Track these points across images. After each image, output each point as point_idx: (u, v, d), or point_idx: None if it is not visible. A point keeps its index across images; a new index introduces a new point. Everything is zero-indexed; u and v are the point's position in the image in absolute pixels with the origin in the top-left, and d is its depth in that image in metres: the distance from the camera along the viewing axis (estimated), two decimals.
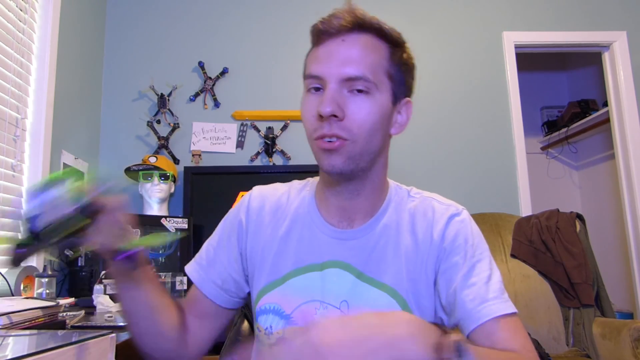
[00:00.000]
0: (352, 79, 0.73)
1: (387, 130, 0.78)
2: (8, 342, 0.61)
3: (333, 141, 0.73)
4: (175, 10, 2.83)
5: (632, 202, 2.83)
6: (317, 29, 0.78)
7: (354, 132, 0.73)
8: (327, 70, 0.74)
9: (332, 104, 0.72)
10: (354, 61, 0.73)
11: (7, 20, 1.76)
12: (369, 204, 0.82)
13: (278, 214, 0.86)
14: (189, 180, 2.51)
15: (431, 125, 2.82)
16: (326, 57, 0.75)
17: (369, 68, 0.74)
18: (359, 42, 0.76)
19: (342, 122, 0.72)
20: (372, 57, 0.75)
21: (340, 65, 0.73)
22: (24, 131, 1.88)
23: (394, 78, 0.78)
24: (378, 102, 0.75)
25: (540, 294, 2.28)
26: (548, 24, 2.95)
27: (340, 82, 0.73)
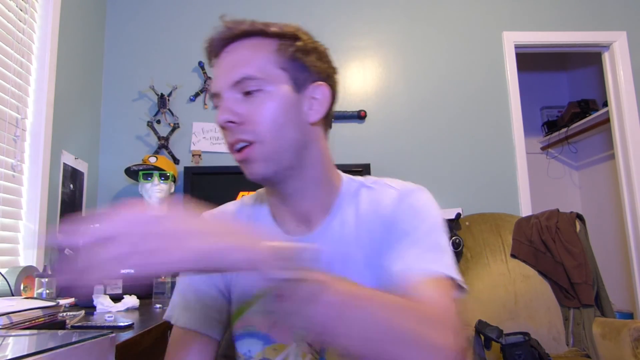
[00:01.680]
0: (240, 82, 0.72)
1: (300, 121, 0.75)
2: (8, 342, 0.61)
3: (241, 148, 0.72)
4: (175, 11, 2.83)
5: (632, 202, 2.83)
6: (206, 52, 0.79)
7: (257, 132, 0.71)
8: (217, 84, 0.74)
9: (225, 111, 0.72)
10: (238, 65, 0.73)
11: (7, 20, 1.76)
12: (319, 202, 0.79)
13: None
14: (189, 180, 2.51)
15: (431, 125, 2.82)
16: (216, 73, 0.76)
17: (256, 66, 0.73)
18: (241, 47, 0.75)
19: (242, 126, 0.72)
20: (257, 55, 0.74)
21: (227, 74, 0.73)
22: (24, 131, 1.88)
23: (288, 68, 0.75)
24: (275, 96, 0.73)
25: (540, 294, 2.29)
26: (548, 24, 2.95)
27: (230, 89, 0.73)
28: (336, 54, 2.48)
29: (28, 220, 1.87)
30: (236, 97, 0.73)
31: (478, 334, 1.94)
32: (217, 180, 2.54)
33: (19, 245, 1.84)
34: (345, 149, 2.71)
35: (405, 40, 2.90)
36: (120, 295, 1.76)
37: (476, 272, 2.38)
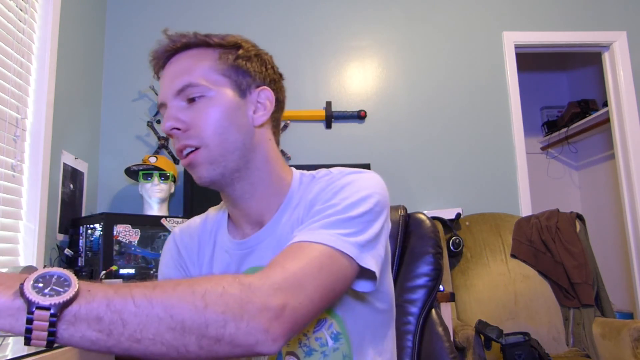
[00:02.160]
0: (183, 89, 0.74)
1: (245, 124, 0.76)
2: (8, 342, 0.61)
3: (188, 153, 0.74)
4: (175, 11, 2.83)
5: (632, 202, 2.83)
6: (151, 64, 0.80)
7: (202, 137, 0.73)
8: (162, 94, 0.76)
9: (170, 119, 0.74)
10: (180, 73, 0.75)
11: (7, 20, 1.76)
12: (268, 203, 0.79)
13: (201, 243, 0.87)
14: (189, 180, 2.51)
15: (431, 125, 2.82)
16: (161, 83, 0.78)
17: (197, 74, 0.74)
18: (183, 57, 0.77)
19: (187, 132, 0.73)
20: (199, 64, 0.76)
21: (170, 83, 0.75)
22: (24, 131, 1.88)
23: (231, 75, 0.77)
24: (217, 101, 0.74)
25: (540, 294, 2.29)
26: (548, 24, 2.95)
27: (174, 97, 0.75)
28: (336, 54, 2.51)
29: (28, 220, 1.87)
30: (180, 104, 0.75)
31: (478, 334, 1.94)
32: None
33: (19, 245, 1.84)
34: (345, 149, 2.71)
35: (406, 41, 2.90)
36: None
37: (476, 272, 2.38)
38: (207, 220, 0.89)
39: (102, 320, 0.46)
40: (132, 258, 2.02)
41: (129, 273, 1.98)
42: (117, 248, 1.97)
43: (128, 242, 2.01)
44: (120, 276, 1.93)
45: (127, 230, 2.01)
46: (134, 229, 2.03)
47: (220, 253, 0.83)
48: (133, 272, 1.99)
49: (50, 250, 2.01)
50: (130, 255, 2.01)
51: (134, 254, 2.02)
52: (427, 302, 0.97)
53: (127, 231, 2.01)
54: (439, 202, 2.72)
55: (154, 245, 2.10)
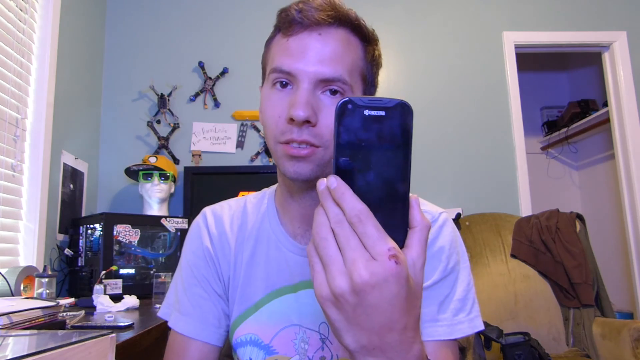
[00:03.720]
0: (329, 81, 0.65)
1: None
2: (8, 342, 0.61)
3: (302, 148, 0.65)
4: (175, 10, 2.83)
5: (632, 202, 2.83)
6: (291, 17, 0.67)
7: (326, 139, 0.65)
8: (301, 68, 0.65)
9: (307, 108, 0.63)
10: (332, 60, 0.65)
11: (7, 20, 1.76)
12: None
13: (239, 235, 0.79)
14: (189, 180, 2.51)
15: (431, 125, 2.82)
16: (300, 52, 0.66)
17: (347, 68, 0.66)
18: (336, 38, 0.67)
19: (314, 127, 0.65)
20: (349, 56, 0.68)
21: (317, 64, 0.65)
22: (24, 131, 1.88)
23: (366, 79, 0.71)
24: None
25: (540, 294, 2.29)
26: (548, 24, 2.95)
27: (314, 83, 0.65)
28: None
29: (28, 220, 1.87)
30: (316, 92, 0.65)
31: (478, 334, 1.94)
32: (217, 180, 2.54)
33: (19, 245, 1.84)
34: None
35: (406, 41, 2.90)
36: (120, 295, 1.76)
37: (476, 272, 2.38)
38: (247, 210, 0.81)
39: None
40: (132, 258, 2.02)
41: (129, 273, 1.98)
42: (117, 248, 1.98)
43: (128, 242, 2.01)
44: (120, 276, 1.93)
45: (127, 230, 2.01)
46: (134, 229, 2.03)
47: (272, 252, 0.77)
48: (133, 272, 2.00)
49: (50, 250, 2.01)
50: (130, 255, 2.01)
51: (134, 254, 2.02)
52: None
53: (127, 231, 2.01)
54: (439, 202, 2.71)
55: (154, 245, 2.10)
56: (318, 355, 0.73)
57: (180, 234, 2.16)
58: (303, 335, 0.74)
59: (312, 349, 0.73)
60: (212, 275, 0.79)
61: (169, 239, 2.14)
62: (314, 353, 0.73)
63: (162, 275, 1.86)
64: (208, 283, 0.79)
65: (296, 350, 0.74)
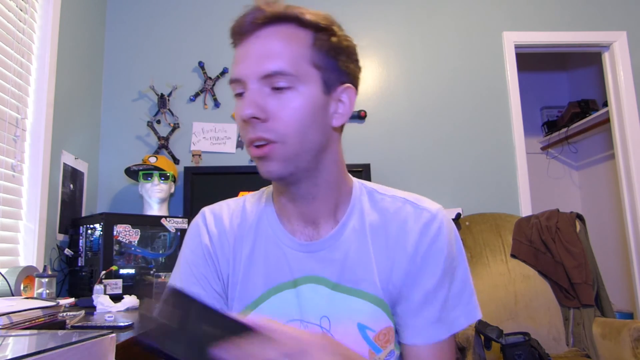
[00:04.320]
0: (271, 75, 0.67)
1: (324, 124, 0.72)
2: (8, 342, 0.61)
3: (262, 145, 0.68)
4: (175, 10, 2.83)
5: (632, 202, 2.83)
6: (235, 31, 0.73)
7: (281, 133, 0.67)
8: (244, 71, 0.69)
9: (252, 105, 0.67)
10: (270, 56, 0.67)
11: (7, 20, 1.76)
12: (330, 206, 0.77)
13: (238, 233, 0.80)
14: (189, 180, 2.51)
15: (431, 125, 2.82)
16: (243, 58, 0.70)
17: (289, 60, 0.67)
18: (275, 35, 0.69)
19: (266, 123, 0.67)
20: (291, 48, 0.68)
21: (256, 63, 0.68)
22: (24, 131, 1.88)
23: (321, 66, 0.70)
24: (305, 96, 0.68)
25: (540, 294, 2.28)
26: (548, 24, 2.95)
27: (259, 80, 0.68)
28: None
29: (28, 220, 1.87)
30: (263, 90, 0.68)
31: (478, 334, 1.94)
32: (217, 180, 2.54)
33: (19, 245, 1.84)
34: (345, 149, 2.68)
35: (406, 41, 2.90)
36: (120, 295, 1.76)
37: (476, 272, 2.38)
38: (246, 208, 0.82)
39: None
40: (132, 258, 2.02)
41: (129, 273, 1.98)
42: (117, 248, 1.98)
43: (128, 242, 2.01)
44: (120, 276, 1.93)
45: (127, 230, 2.01)
46: (134, 229, 2.03)
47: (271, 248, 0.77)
48: (133, 272, 2.00)
49: (50, 250, 2.01)
50: (130, 255, 2.01)
51: (134, 254, 2.02)
52: None
53: (127, 231, 2.01)
54: (439, 202, 2.71)
55: (154, 245, 2.10)
56: None
57: (180, 234, 2.16)
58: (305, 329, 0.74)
59: None
60: (211, 273, 0.79)
61: (169, 239, 2.14)
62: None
63: (163, 275, 1.86)
64: (207, 282, 0.79)
65: None
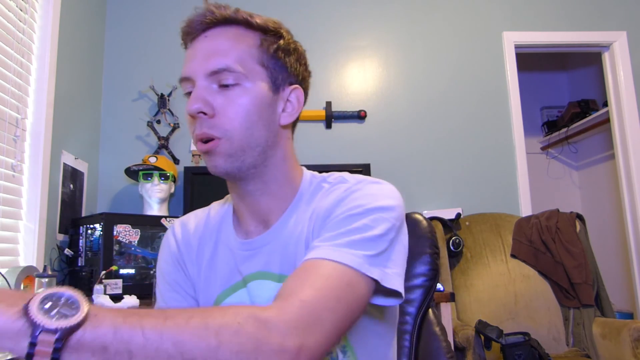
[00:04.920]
0: (218, 72, 0.69)
1: (271, 121, 0.73)
2: None
3: (205, 144, 0.70)
4: (175, 10, 2.83)
5: (632, 202, 2.83)
6: (184, 32, 0.74)
7: (227, 129, 0.69)
8: (191, 69, 0.71)
9: (198, 101, 0.68)
10: (217, 53, 0.69)
11: (7, 20, 1.77)
12: (277, 201, 0.77)
13: (202, 240, 0.83)
14: (189, 180, 2.51)
15: (431, 125, 2.82)
16: (191, 57, 0.72)
17: (235, 58, 0.70)
18: (222, 35, 0.71)
19: (212, 119, 0.69)
20: (238, 47, 0.71)
21: (204, 60, 0.70)
22: (24, 131, 1.88)
23: (268, 66, 0.72)
24: (251, 94, 0.70)
25: (540, 294, 2.28)
26: (548, 24, 2.95)
27: (206, 77, 0.70)
28: (336, 54, 2.51)
29: (28, 220, 1.87)
30: (211, 87, 0.70)
31: (478, 334, 1.94)
32: (217, 180, 2.51)
33: (19, 245, 1.84)
34: (345, 149, 2.71)
35: (406, 40, 2.90)
36: (120, 295, 1.76)
37: (476, 272, 2.38)
38: (210, 215, 0.85)
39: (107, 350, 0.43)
40: (132, 258, 2.02)
41: (129, 273, 1.98)
42: (117, 248, 1.98)
43: (128, 242, 2.01)
44: (120, 276, 1.93)
45: (127, 230, 2.02)
46: (134, 229, 2.03)
47: (224, 251, 0.80)
48: (133, 272, 2.00)
49: (50, 250, 2.01)
50: (130, 255, 2.01)
51: (134, 254, 2.03)
52: (425, 301, 0.97)
53: (127, 231, 2.01)
54: (439, 202, 2.72)
55: (154, 245, 2.10)
56: None
57: None
58: None
59: None
60: (182, 277, 0.83)
61: None
62: None
63: None
64: (179, 286, 0.83)
65: None
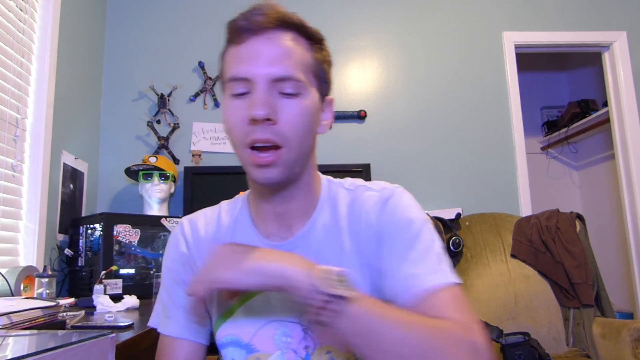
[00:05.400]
0: (282, 80, 0.68)
1: (315, 131, 0.76)
2: (8, 342, 0.61)
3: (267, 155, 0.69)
4: (175, 10, 2.83)
5: (632, 202, 2.83)
6: (239, 26, 0.72)
7: (288, 137, 0.69)
8: (255, 71, 0.68)
9: (265, 106, 0.67)
10: (282, 60, 0.69)
11: (7, 20, 1.76)
12: (303, 205, 0.78)
13: (214, 240, 0.81)
14: (189, 180, 2.51)
15: (431, 125, 2.82)
16: (252, 57, 0.69)
17: (297, 67, 0.70)
18: (283, 39, 0.70)
19: (274, 126, 0.68)
20: (297, 54, 0.70)
21: (269, 66, 0.68)
22: (24, 131, 1.88)
23: (318, 76, 0.74)
24: (308, 103, 0.71)
25: (540, 294, 2.28)
26: (548, 24, 2.95)
27: (269, 83, 0.68)
28: (336, 54, 2.51)
29: (28, 220, 1.87)
30: (272, 93, 0.69)
31: None
32: (217, 180, 2.54)
33: (19, 245, 1.84)
34: (345, 149, 2.71)
35: (405, 40, 2.90)
36: (120, 295, 1.76)
37: (476, 272, 2.38)
38: (221, 214, 0.84)
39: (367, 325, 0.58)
40: (132, 258, 2.02)
41: (129, 273, 1.98)
42: (117, 248, 1.98)
43: (128, 242, 2.01)
44: (120, 276, 1.93)
45: (127, 230, 2.01)
46: (134, 229, 2.03)
47: None
48: (133, 272, 2.00)
49: (50, 250, 2.01)
50: (130, 255, 2.01)
51: (134, 254, 2.02)
52: None
53: (127, 231, 2.01)
54: (439, 202, 2.72)
55: (154, 245, 2.10)
56: (302, 345, 0.75)
57: None
58: (284, 329, 0.75)
59: (295, 341, 0.75)
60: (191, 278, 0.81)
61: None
62: (298, 344, 0.75)
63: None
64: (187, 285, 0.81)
65: (277, 345, 0.75)
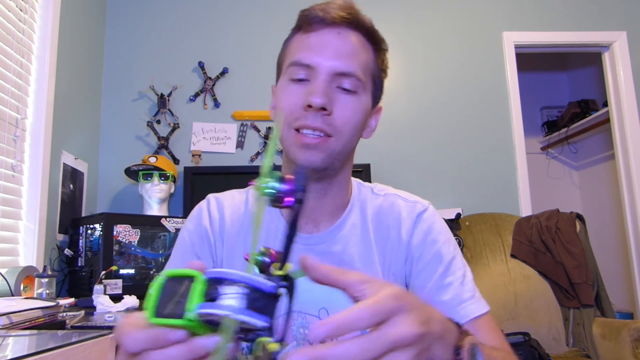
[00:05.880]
0: (344, 75, 0.70)
1: (361, 132, 0.77)
2: (8, 342, 0.61)
3: (316, 136, 0.70)
4: (175, 10, 2.83)
5: (632, 202, 2.83)
6: (312, 15, 0.73)
7: (339, 130, 0.71)
8: (319, 61, 0.70)
9: (324, 96, 0.68)
10: (348, 57, 0.71)
11: (7, 20, 1.76)
12: (334, 204, 0.79)
13: (240, 224, 0.80)
14: (189, 180, 2.51)
15: (431, 125, 2.82)
16: (320, 47, 0.71)
17: (360, 66, 0.72)
18: (352, 37, 0.72)
19: (329, 117, 0.70)
20: (363, 56, 0.73)
21: (334, 58, 0.70)
22: (24, 131, 1.88)
23: (376, 82, 0.76)
24: (362, 103, 0.73)
25: (540, 294, 2.28)
26: (548, 24, 2.95)
27: (331, 75, 0.70)
28: None
29: (28, 220, 1.87)
30: (332, 85, 0.70)
31: None
32: (217, 180, 2.54)
33: (19, 245, 1.84)
34: None
35: (405, 40, 2.90)
36: (120, 295, 1.76)
37: (476, 272, 2.37)
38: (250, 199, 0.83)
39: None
40: (132, 258, 2.02)
41: (128, 273, 1.98)
42: (117, 248, 1.98)
43: (128, 242, 2.01)
44: (120, 276, 1.93)
45: (127, 230, 2.01)
46: (133, 229, 2.03)
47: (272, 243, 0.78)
48: (133, 272, 2.00)
49: (50, 250, 2.01)
50: (130, 255, 2.01)
51: (134, 254, 2.02)
52: None
53: (127, 231, 2.01)
54: (439, 202, 2.72)
55: (154, 245, 2.10)
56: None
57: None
58: (302, 321, 0.75)
59: None
60: (206, 255, 0.80)
61: (169, 239, 2.14)
62: None
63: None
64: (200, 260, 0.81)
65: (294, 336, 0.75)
